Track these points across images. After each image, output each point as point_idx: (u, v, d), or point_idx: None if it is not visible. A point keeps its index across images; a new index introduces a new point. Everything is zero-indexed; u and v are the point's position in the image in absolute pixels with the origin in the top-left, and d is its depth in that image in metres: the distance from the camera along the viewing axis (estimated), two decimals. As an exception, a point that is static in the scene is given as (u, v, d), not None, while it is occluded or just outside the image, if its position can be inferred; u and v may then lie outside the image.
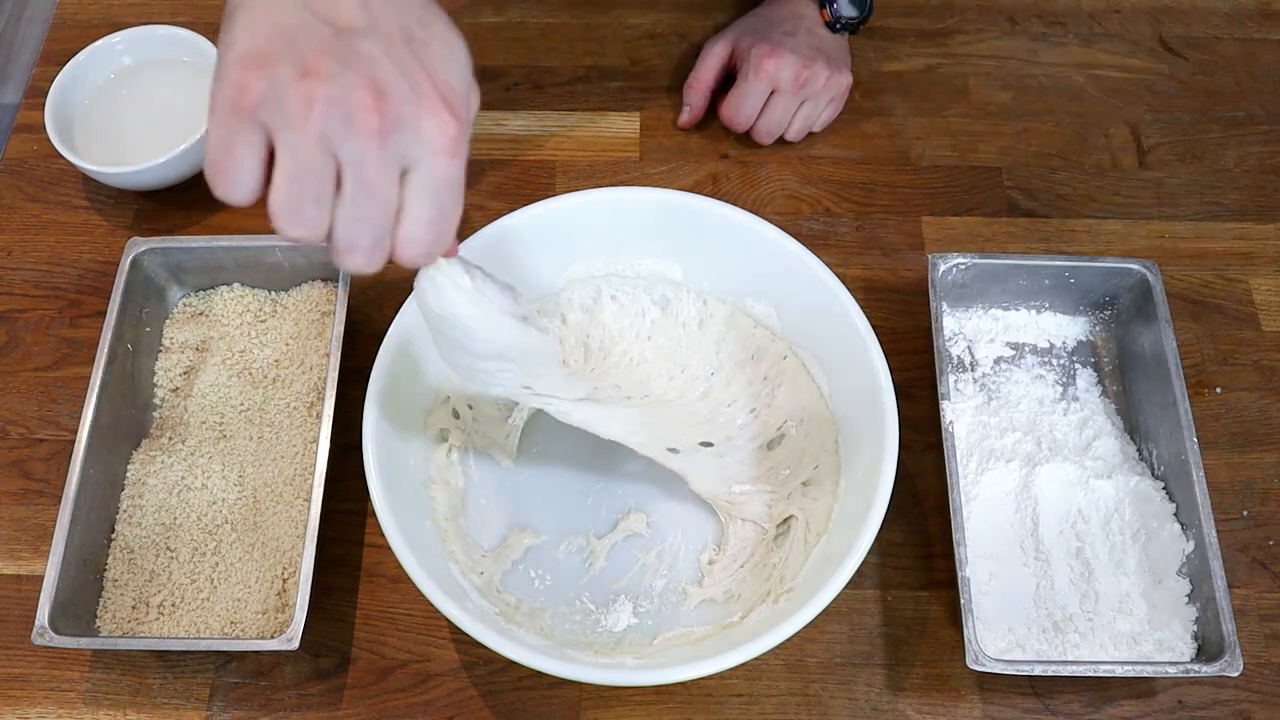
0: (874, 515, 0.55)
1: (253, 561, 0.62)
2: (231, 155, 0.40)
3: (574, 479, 0.65)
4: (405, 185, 0.42)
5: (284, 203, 0.41)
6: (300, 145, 0.40)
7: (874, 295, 0.74)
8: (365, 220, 0.42)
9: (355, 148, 0.40)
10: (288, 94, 0.39)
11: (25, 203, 0.78)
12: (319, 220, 0.42)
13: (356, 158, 0.40)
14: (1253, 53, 0.86)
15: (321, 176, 0.41)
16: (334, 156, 0.40)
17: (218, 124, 0.40)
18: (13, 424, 0.69)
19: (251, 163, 0.41)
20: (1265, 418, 0.70)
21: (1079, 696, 0.61)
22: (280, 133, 0.40)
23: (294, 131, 0.40)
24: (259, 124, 0.40)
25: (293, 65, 0.39)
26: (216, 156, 0.41)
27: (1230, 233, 0.77)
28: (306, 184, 0.40)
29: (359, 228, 0.42)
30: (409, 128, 0.41)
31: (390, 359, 0.60)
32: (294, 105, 0.39)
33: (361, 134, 0.40)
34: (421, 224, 0.43)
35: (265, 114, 0.40)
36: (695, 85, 0.79)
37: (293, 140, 0.40)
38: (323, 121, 0.39)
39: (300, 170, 0.40)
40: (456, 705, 0.61)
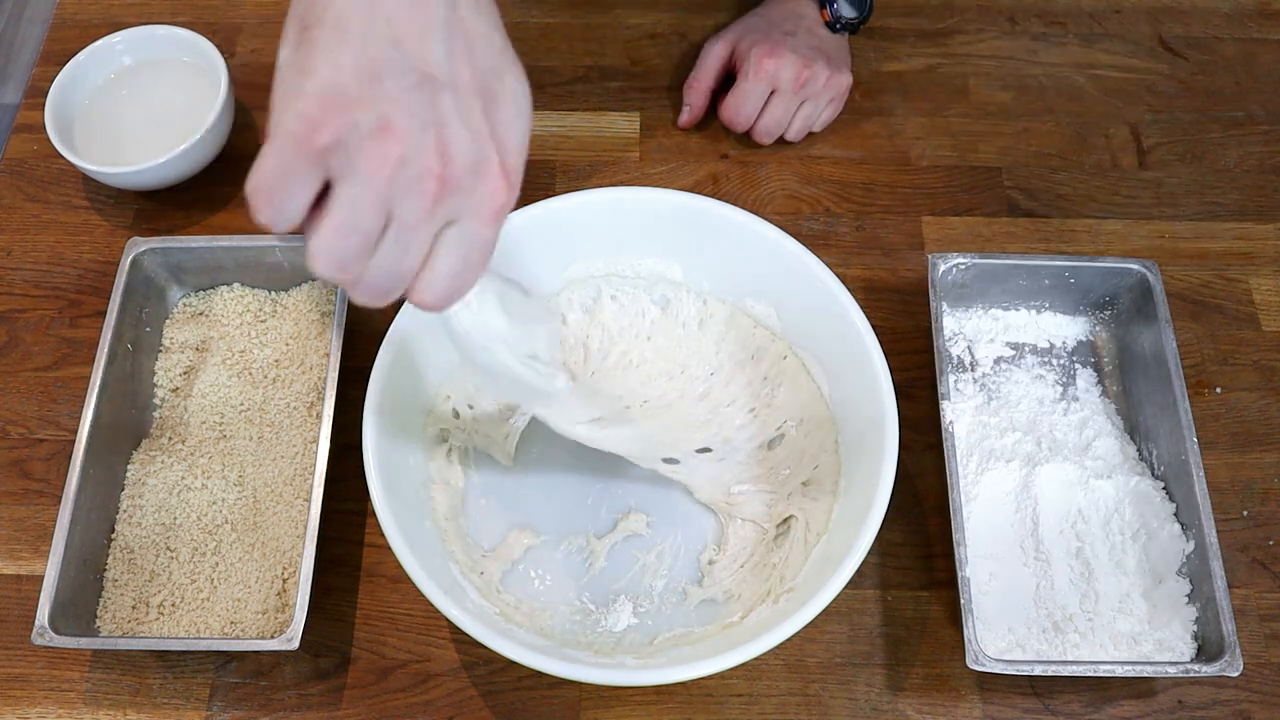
0: (874, 515, 0.55)
1: (253, 561, 0.62)
2: (285, 188, 0.39)
3: (574, 479, 0.65)
4: (440, 236, 0.42)
5: (329, 251, 0.40)
6: (361, 201, 0.39)
7: (874, 295, 0.74)
8: (396, 273, 0.42)
9: (410, 208, 0.40)
10: (363, 147, 0.38)
11: (25, 203, 0.78)
12: (357, 271, 0.42)
13: (407, 218, 0.40)
14: (1253, 53, 0.86)
15: (371, 233, 0.40)
16: (386, 213, 0.40)
17: (279, 152, 0.39)
18: (13, 424, 0.69)
19: (304, 200, 0.40)
20: (1265, 418, 0.70)
21: (1079, 696, 0.61)
22: (343, 182, 0.39)
23: (358, 185, 0.39)
24: (323, 166, 0.39)
25: (373, 115, 0.38)
26: (268, 184, 0.39)
27: (1230, 233, 0.77)
28: (356, 239, 0.40)
29: (388, 279, 0.42)
30: (464, 194, 0.41)
31: (390, 359, 0.60)
32: (365, 160, 0.39)
33: (419, 198, 0.40)
34: (445, 276, 0.43)
35: (333, 160, 0.39)
36: (695, 85, 0.79)
37: (354, 194, 0.39)
38: (389, 183, 0.39)
39: (354, 225, 0.40)
40: (456, 705, 0.61)
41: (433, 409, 0.65)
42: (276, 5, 0.87)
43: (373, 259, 0.41)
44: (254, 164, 0.39)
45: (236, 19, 0.87)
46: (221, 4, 0.87)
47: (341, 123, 0.38)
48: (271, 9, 0.87)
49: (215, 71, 0.75)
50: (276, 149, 0.39)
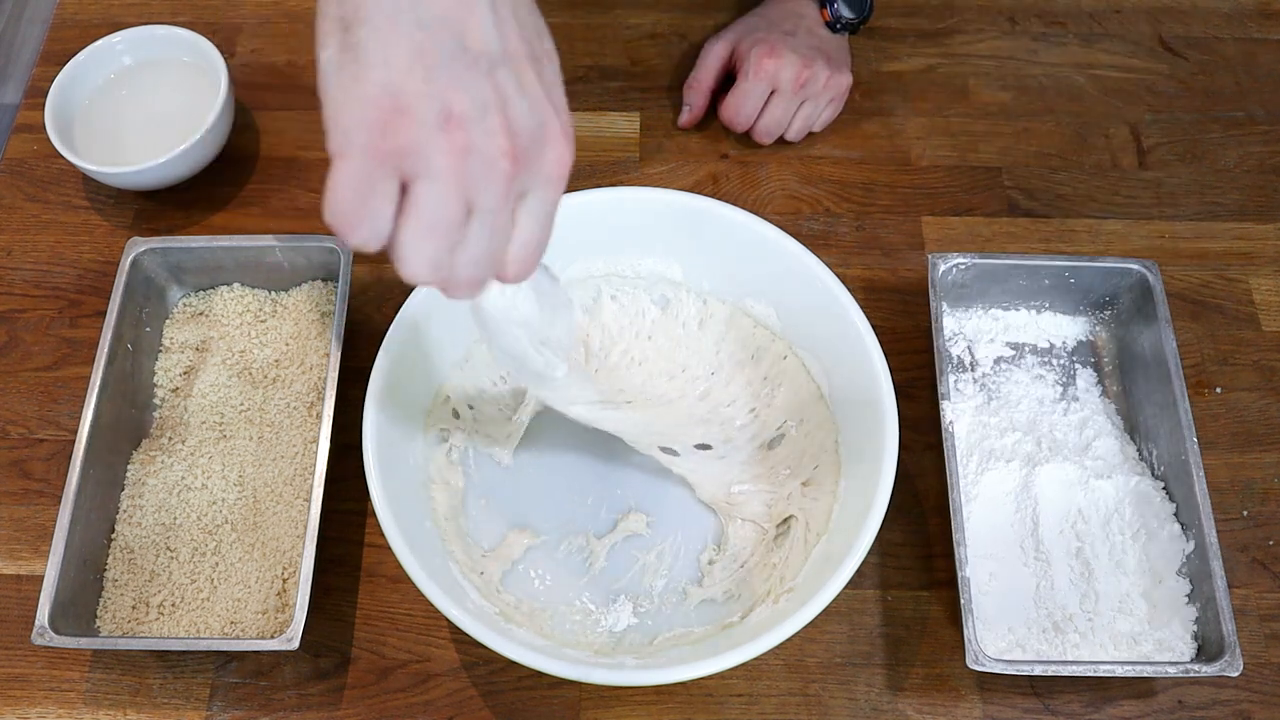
0: (874, 515, 0.55)
1: (253, 561, 0.62)
2: (369, 204, 0.38)
3: (574, 479, 0.65)
4: (516, 211, 0.42)
5: (421, 254, 0.39)
6: (442, 198, 0.38)
7: (874, 295, 0.74)
8: (487, 260, 0.42)
9: (489, 193, 0.39)
10: (433, 143, 0.38)
11: (25, 203, 0.78)
12: (448, 266, 0.41)
13: (489, 203, 0.40)
14: (1253, 53, 0.86)
15: (457, 226, 0.39)
16: (467, 202, 0.39)
17: (353, 168, 0.38)
18: (13, 424, 0.69)
19: (389, 212, 0.39)
20: (1265, 418, 0.70)
21: (1079, 696, 0.61)
22: (420, 182, 0.38)
23: (437, 183, 0.38)
24: (398, 170, 0.38)
25: (436, 107, 0.38)
26: (351, 206, 0.38)
27: (1230, 233, 0.77)
28: (444, 235, 0.39)
29: (478, 268, 0.42)
30: (534, 164, 0.41)
31: (390, 359, 0.60)
32: (439, 156, 0.38)
33: (497, 180, 0.39)
34: (528, 248, 0.43)
35: (408, 162, 0.38)
36: (695, 85, 0.79)
37: (434, 192, 0.38)
38: (465, 172, 0.38)
39: (440, 223, 0.39)
40: (456, 705, 0.61)
41: (433, 409, 0.65)
42: (276, 5, 0.87)
43: (462, 252, 0.40)
44: (327, 188, 0.38)
45: (236, 19, 0.87)
46: (221, 4, 0.87)
47: (408, 122, 0.37)
48: (271, 9, 0.87)
49: (215, 71, 0.75)
50: (350, 165, 0.38)
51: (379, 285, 0.74)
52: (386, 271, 0.74)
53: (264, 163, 0.79)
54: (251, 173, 0.79)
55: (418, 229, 0.39)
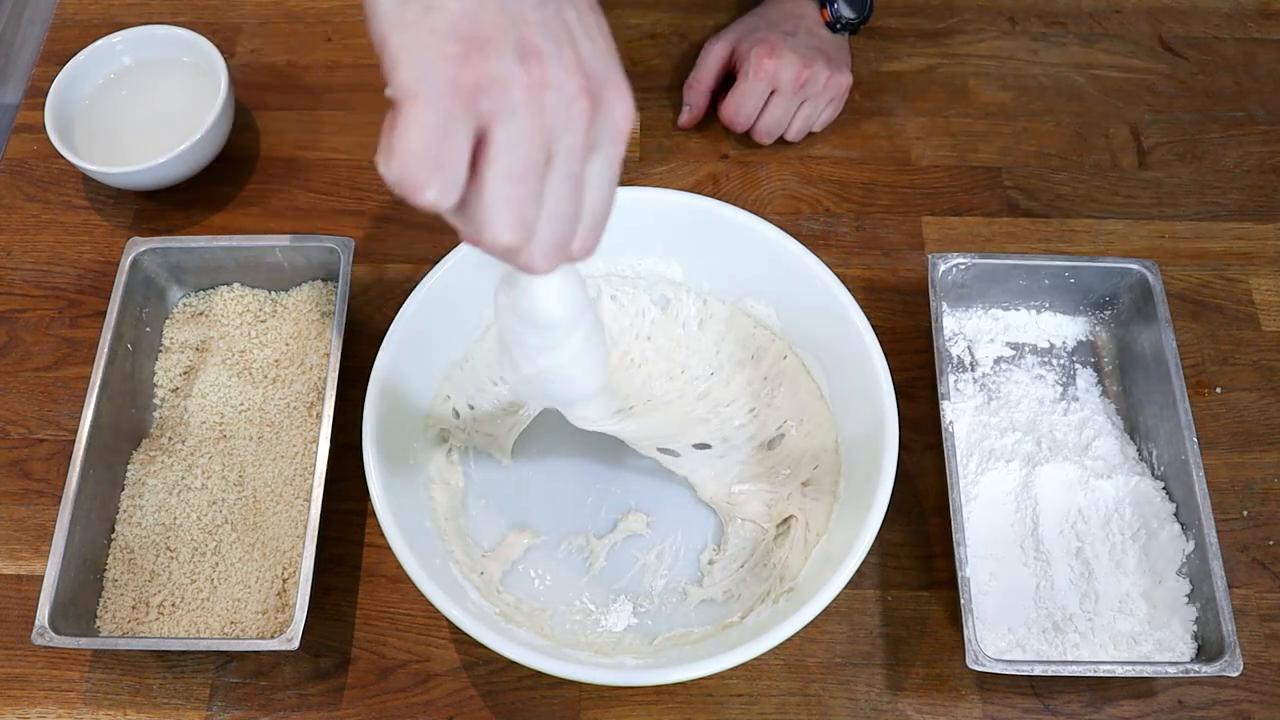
0: (874, 515, 0.55)
1: (253, 561, 0.62)
2: (449, 148, 0.34)
3: (574, 479, 0.65)
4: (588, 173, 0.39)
5: (504, 206, 0.36)
6: (525, 138, 0.35)
7: (874, 295, 0.74)
8: (570, 216, 0.38)
9: (569, 138, 0.36)
10: (514, 79, 0.35)
11: (25, 203, 0.78)
12: (535, 221, 0.37)
13: (569, 149, 0.37)
14: (1253, 53, 0.86)
15: (540, 171, 0.36)
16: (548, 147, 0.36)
17: (430, 109, 0.34)
18: (13, 424, 0.69)
19: (467, 157, 0.35)
20: (1265, 418, 0.70)
21: (1079, 696, 0.61)
22: (502, 122, 0.35)
23: (519, 122, 0.35)
24: (478, 111, 0.34)
25: (514, 42, 0.35)
26: (429, 148, 0.34)
27: (1230, 233, 0.77)
28: (530, 182, 0.36)
29: (567, 224, 0.38)
30: (607, 114, 0.38)
31: (390, 359, 0.60)
32: (520, 92, 0.35)
33: (578, 122, 0.36)
34: (599, 213, 0.40)
35: (489, 101, 0.34)
36: (695, 85, 0.79)
37: (517, 132, 0.35)
38: (545, 111, 0.35)
39: (525, 167, 0.35)
40: (456, 705, 0.61)
41: (433, 409, 0.65)
42: (276, 5, 0.87)
43: (545, 205, 0.37)
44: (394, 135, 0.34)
45: (236, 19, 0.87)
46: (221, 4, 0.87)
47: (490, 57, 0.34)
48: (271, 9, 0.87)
49: (215, 71, 0.75)
50: (424, 105, 0.34)
51: (379, 285, 0.74)
52: (387, 271, 0.74)
53: (264, 163, 0.79)
54: (251, 173, 0.79)
55: (504, 175, 0.35)
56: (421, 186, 0.34)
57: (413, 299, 0.61)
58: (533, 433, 0.66)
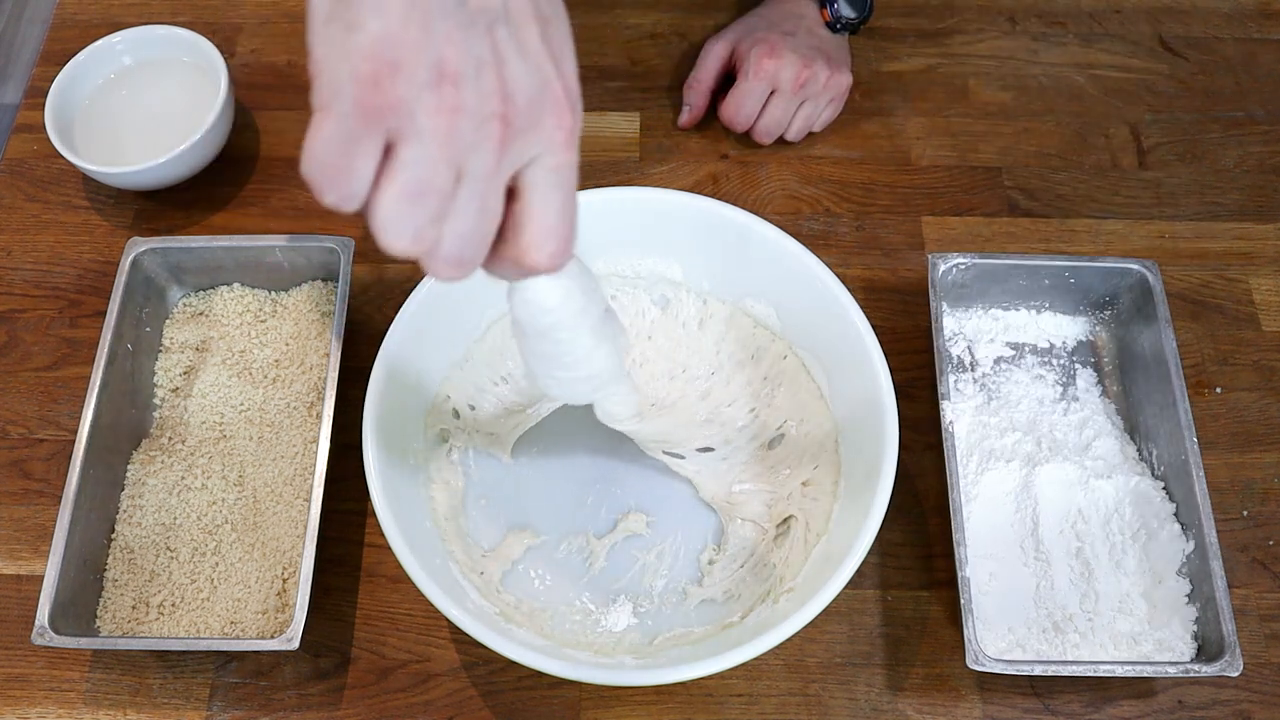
0: (874, 515, 0.55)
1: (253, 561, 0.62)
2: (350, 161, 0.36)
3: (574, 479, 0.65)
4: (524, 184, 0.39)
5: (398, 220, 0.37)
6: (428, 160, 0.36)
7: (874, 295, 0.74)
8: (476, 234, 0.39)
9: (477, 160, 0.37)
10: (423, 99, 0.35)
11: (25, 203, 0.78)
12: (432, 237, 0.38)
13: (476, 170, 0.37)
14: (1253, 53, 0.86)
15: (442, 193, 0.37)
16: (455, 169, 0.37)
17: (337, 124, 0.35)
18: (13, 424, 0.69)
19: (369, 172, 0.36)
20: (1265, 418, 0.70)
21: (1079, 696, 0.61)
22: (406, 143, 0.36)
23: (423, 145, 0.36)
24: (384, 128, 0.36)
25: (429, 63, 0.35)
26: (332, 162, 0.36)
27: (1230, 233, 0.77)
28: (428, 202, 0.37)
29: (469, 242, 0.39)
30: (531, 130, 0.38)
31: (390, 359, 0.60)
32: (429, 116, 0.35)
33: (487, 145, 0.37)
34: (550, 220, 0.40)
35: (394, 121, 0.35)
36: (695, 85, 0.79)
37: (420, 154, 0.36)
38: (453, 135, 0.36)
39: (424, 188, 0.36)
40: (456, 705, 0.61)
41: (433, 409, 0.65)
42: (276, 5, 0.87)
43: (448, 223, 0.38)
44: (307, 141, 0.36)
45: (236, 19, 0.87)
46: (221, 4, 0.87)
47: (400, 79, 0.35)
48: (271, 9, 0.87)
49: (215, 71, 0.75)
50: (333, 120, 0.35)
51: (379, 285, 0.74)
52: (387, 271, 0.74)
53: (264, 163, 0.79)
54: (251, 173, 0.79)
55: (400, 193, 0.36)
56: (325, 190, 0.36)
57: (413, 299, 0.61)
58: (533, 433, 0.66)
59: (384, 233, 0.37)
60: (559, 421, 0.64)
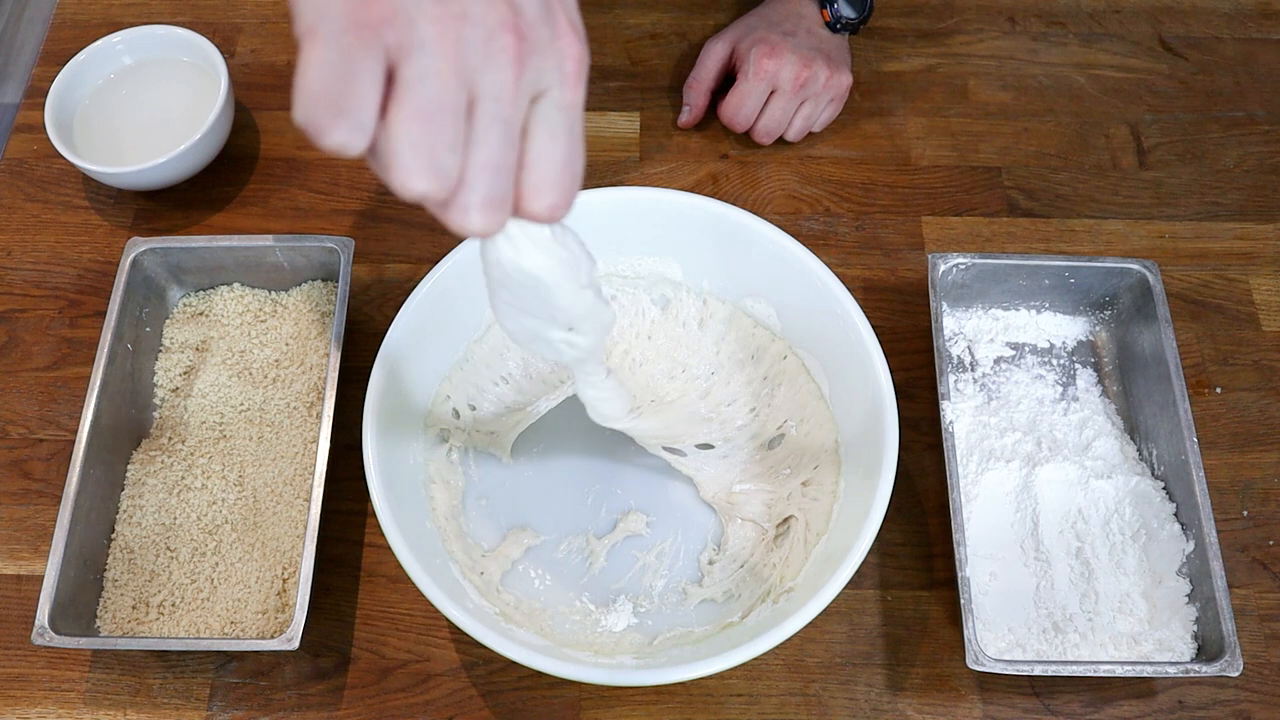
0: (874, 515, 0.55)
1: (253, 561, 0.62)
2: (351, 87, 0.32)
3: (574, 479, 0.65)
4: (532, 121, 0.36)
5: (413, 149, 0.33)
6: (436, 74, 0.32)
7: (874, 295, 0.74)
8: (505, 166, 0.35)
9: (494, 78, 0.33)
10: (421, 9, 0.32)
11: (25, 203, 0.78)
12: (454, 169, 0.34)
13: (495, 90, 0.34)
14: (1253, 53, 0.86)
15: (458, 114, 0.33)
16: (469, 87, 0.33)
17: (328, 44, 0.31)
18: (13, 424, 0.69)
19: (374, 96, 0.32)
20: (1265, 418, 0.70)
21: (1079, 696, 0.61)
22: (410, 57, 0.32)
23: (428, 56, 0.32)
24: (382, 45, 0.32)
25: None
26: (330, 89, 0.32)
27: (1230, 233, 0.77)
28: (442, 124, 0.33)
29: (498, 176, 0.35)
30: (543, 51, 0.35)
31: (390, 359, 0.60)
32: (431, 23, 0.32)
33: (502, 59, 0.33)
34: (555, 167, 0.37)
35: (393, 33, 0.32)
36: (695, 85, 0.79)
37: (426, 68, 0.32)
38: (461, 45, 0.33)
39: (436, 107, 0.33)
40: (456, 705, 0.61)
41: (432, 409, 0.65)
42: (276, 5, 0.87)
43: (474, 154, 0.34)
44: (298, 76, 0.32)
45: (236, 19, 0.87)
46: (221, 4, 0.87)
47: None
48: (271, 9, 0.87)
49: (215, 71, 0.75)
50: (323, 41, 0.32)
51: (379, 285, 0.74)
52: (387, 271, 0.74)
53: (264, 163, 0.79)
54: (251, 173, 0.79)
55: (412, 115, 0.33)
56: (325, 129, 0.32)
57: (413, 299, 0.61)
58: (533, 433, 0.66)
59: (398, 168, 0.33)
60: (559, 421, 0.64)
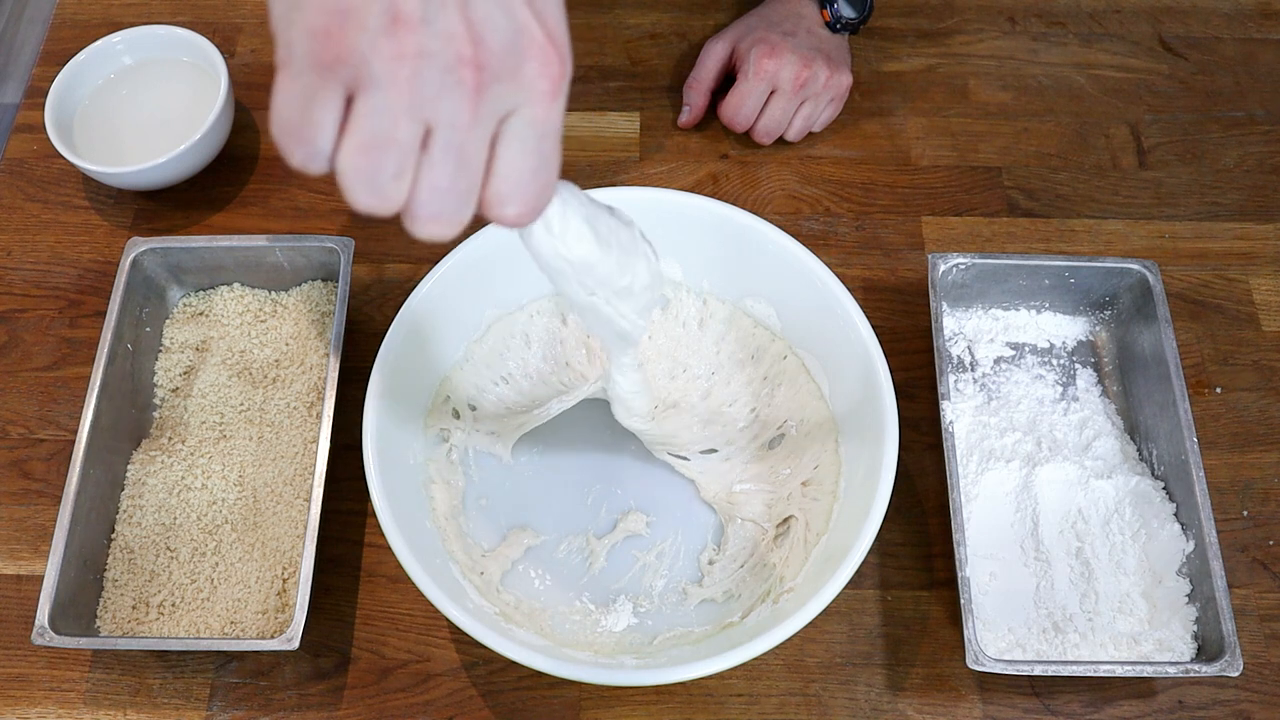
0: (874, 515, 0.55)
1: (253, 561, 0.62)
2: (311, 118, 0.35)
3: (574, 479, 0.65)
4: (500, 135, 0.38)
5: (359, 174, 0.36)
6: (386, 110, 0.35)
7: (874, 295, 0.74)
8: (454, 189, 0.37)
9: (449, 109, 0.35)
10: (377, 47, 0.34)
11: (25, 203, 0.78)
12: (398, 192, 0.37)
13: (450, 120, 0.36)
14: (1253, 53, 0.86)
15: (406, 146, 0.36)
16: (423, 119, 0.35)
17: (293, 79, 0.35)
18: (13, 424, 0.69)
19: (332, 126, 0.35)
20: (1265, 418, 0.70)
21: (1079, 696, 0.61)
22: (364, 93, 0.35)
23: (380, 93, 0.34)
24: (340, 81, 0.35)
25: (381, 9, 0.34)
26: (292, 119, 0.35)
27: (1230, 233, 0.77)
28: (387, 154, 0.36)
29: (446, 197, 0.37)
30: (510, 77, 0.36)
31: (390, 359, 0.60)
32: (383, 62, 0.34)
33: (458, 92, 0.35)
34: (522, 179, 0.38)
35: (348, 71, 0.34)
36: (695, 85, 0.79)
37: (378, 104, 0.35)
38: (415, 82, 0.34)
39: (383, 139, 0.35)
40: (456, 705, 0.61)
41: (433, 409, 0.65)
42: (276, 5, 0.87)
43: (424, 175, 0.36)
44: (272, 101, 0.36)
45: (236, 19, 0.87)
46: (221, 4, 0.87)
47: (351, 25, 0.34)
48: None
49: (215, 71, 0.75)
50: (290, 76, 0.35)
51: (379, 285, 0.74)
52: (387, 271, 0.74)
53: (264, 163, 0.79)
54: (251, 173, 0.79)
55: (356, 145, 0.35)
56: (289, 151, 0.36)
57: (413, 299, 0.61)
58: (533, 433, 0.66)
59: (345, 189, 0.36)
60: (559, 421, 0.64)
